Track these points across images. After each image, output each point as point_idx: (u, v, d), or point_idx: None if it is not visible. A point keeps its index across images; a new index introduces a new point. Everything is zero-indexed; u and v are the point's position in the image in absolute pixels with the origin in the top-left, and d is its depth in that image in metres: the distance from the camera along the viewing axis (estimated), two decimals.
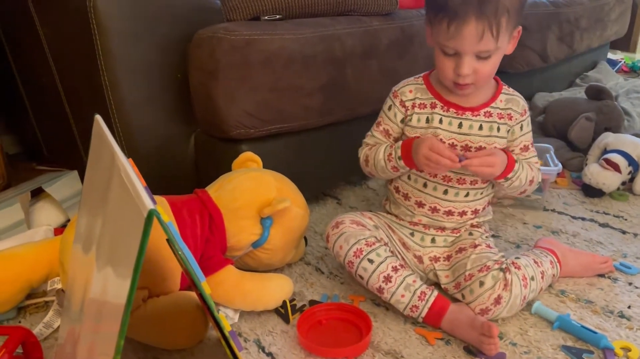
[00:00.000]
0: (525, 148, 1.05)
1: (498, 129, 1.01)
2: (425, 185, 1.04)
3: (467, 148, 1.00)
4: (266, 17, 1.21)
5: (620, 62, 3.02)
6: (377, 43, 1.34)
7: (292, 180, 1.13)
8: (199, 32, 1.12)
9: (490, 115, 1.01)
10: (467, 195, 1.04)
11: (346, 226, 1.01)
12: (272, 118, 1.17)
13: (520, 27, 0.96)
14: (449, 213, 1.04)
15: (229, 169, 1.12)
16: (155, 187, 0.76)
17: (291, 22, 1.22)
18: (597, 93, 1.83)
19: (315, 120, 1.26)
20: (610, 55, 3.03)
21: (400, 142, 1.01)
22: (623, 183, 1.48)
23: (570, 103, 1.86)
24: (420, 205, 1.05)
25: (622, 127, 1.76)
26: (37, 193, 1.29)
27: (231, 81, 1.10)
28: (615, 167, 1.45)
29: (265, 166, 1.13)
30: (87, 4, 1.00)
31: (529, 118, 1.05)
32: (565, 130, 1.70)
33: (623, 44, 3.18)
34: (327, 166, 1.34)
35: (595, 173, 1.45)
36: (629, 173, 1.47)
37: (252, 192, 1.04)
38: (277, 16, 1.22)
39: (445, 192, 1.03)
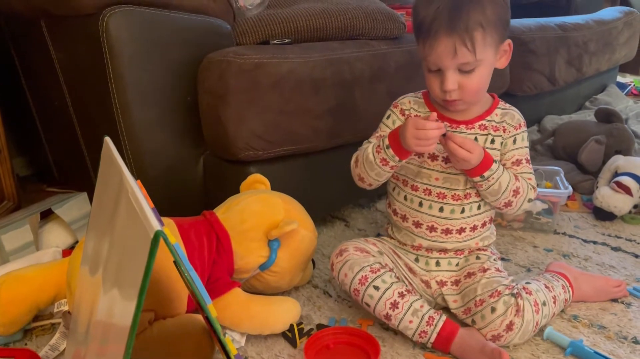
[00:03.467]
0: (518, 162, 1.03)
1: (492, 141, 1.01)
2: (420, 204, 1.04)
3: None
4: (275, 41, 1.23)
5: (629, 85, 3.02)
6: (386, 66, 1.35)
7: (300, 202, 1.12)
8: (208, 56, 1.13)
9: (485, 128, 1.01)
10: (462, 211, 1.03)
11: (350, 254, 1.00)
12: (281, 140, 1.18)
13: (509, 41, 0.97)
14: (447, 231, 1.03)
15: (237, 191, 1.13)
16: (163, 209, 0.76)
17: (300, 46, 1.23)
18: (607, 116, 1.82)
19: (324, 143, 1.26)
20: (619, 79, 3.03)
21: (387, 133, 1.00)
22: (635, 207, 1.47)
23: (580, 126, 1.86)
24: (418, 225, 1.04)
25: (633, 150, 1.76)
26: (47, 215, 1.30)
27: (240, 104, 1.11)
28: (627, 190, 1.44)
29: (273, 188, 1.14)
30: (99, 28, 1.02)
31: (525, 134, 1.04)
32: (575, 153, 1.70)
33: (632, 67, 3.18)
34: (335, 188, 1.34)
35: (607, 196, 1.44)
36: None
37: (260, 214, 1.04)
38: (286, 40, 1.24)
39: (441, 210, 1.03)
